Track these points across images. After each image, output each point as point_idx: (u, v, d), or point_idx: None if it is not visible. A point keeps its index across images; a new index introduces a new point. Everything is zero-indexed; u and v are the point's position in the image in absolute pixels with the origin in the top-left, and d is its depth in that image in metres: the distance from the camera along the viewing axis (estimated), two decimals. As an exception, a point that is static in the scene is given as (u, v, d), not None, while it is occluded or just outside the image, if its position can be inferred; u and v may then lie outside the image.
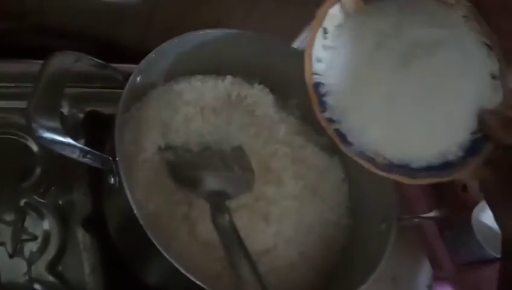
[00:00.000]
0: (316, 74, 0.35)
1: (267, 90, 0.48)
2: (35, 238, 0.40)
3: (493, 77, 0.33)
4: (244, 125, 0.43)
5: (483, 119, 0.33)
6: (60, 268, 0.40)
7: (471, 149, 0.33)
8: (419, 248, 0.62)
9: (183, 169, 0.38)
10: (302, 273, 0.41)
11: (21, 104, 0.44)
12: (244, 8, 0.56)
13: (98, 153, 0.33)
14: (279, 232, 0.41)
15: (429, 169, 0.34)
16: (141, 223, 0.32)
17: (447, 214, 0.44)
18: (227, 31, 0.44)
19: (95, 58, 0.36)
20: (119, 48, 0.54)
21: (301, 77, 0.46)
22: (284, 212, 0.41)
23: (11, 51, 0.47)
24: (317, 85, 0.35)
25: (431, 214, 0.44)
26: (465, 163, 0.33)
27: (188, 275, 0.31)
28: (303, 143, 0.46)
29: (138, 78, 0.37)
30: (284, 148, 0.43)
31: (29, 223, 0.40)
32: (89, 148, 0.32)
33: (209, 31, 0.43)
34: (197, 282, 0.31)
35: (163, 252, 0.31)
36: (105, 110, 0.47)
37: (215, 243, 0.36)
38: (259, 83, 0.47)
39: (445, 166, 0.34)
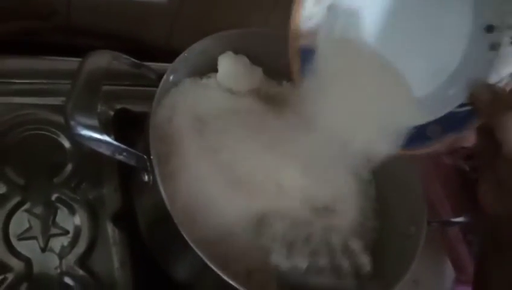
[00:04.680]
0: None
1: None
2: (66, 232, 0.41)
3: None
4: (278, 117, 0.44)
5: (474, 91, 0.31)
6: (90, 262, 0.40)
7: (454, 123, 0.32)
8: (441, 250, 0.62)
9: (290, 275, 0.34)
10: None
11: (52, 100, 0.46)
12: (267, 7, 0.56)
13: (133, 151, 0.33)
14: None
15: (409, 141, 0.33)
16: (175, 221, 0.32)
17: (474, 218, 0.43)
18: (255, 30, 0.44)
19: (130, 58, 0.37)
20: (145, 47, 0.55)
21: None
22: None
23: (41, 48, 0.48)
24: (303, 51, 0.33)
25: (459, 219, 0.44)
26: (445, 137, 0.32)
27: (219, 272, 0.32)
28: None
29: (171, 77, 0.38)
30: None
31: (60, 217, 0.41)
32: (125, 147, 0.32)
33: (238, 30, 0.43)
34: (228, 280, 0.32)
35: (196, 249, 0.32)
36: (135, 107, 0.47)
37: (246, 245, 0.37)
38: (288, 81, 0.47)
39: (423, 139, 0.33)
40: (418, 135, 0.34)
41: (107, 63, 0.34)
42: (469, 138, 0.34)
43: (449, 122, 0.33)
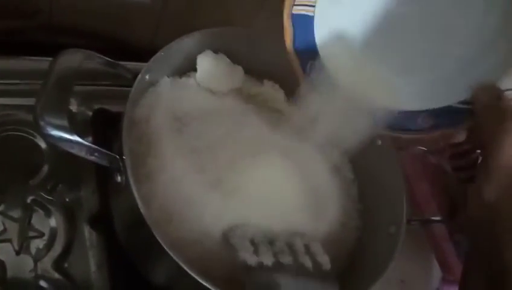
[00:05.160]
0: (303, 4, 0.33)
1: (277, 86, 0.47)
2: (41, 235, 0.40)
3: None
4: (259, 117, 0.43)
5: (476, 90, 0.30)
6: (66, 265, 0.40)
7: (448, 118, 0.32)
8: (429, 250, 0.62)
9: (257, 273, 0.34)
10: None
11: (30, 101, 0.44)
12: (252, 7, 0.55)
13: (105, 151, 0.32)
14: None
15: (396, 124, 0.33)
16: (147, 222, 0.31)
17: (458, 216, 0.43)
18: (235, 29, 0.44)
19: (104, 57, 0.36)
20: (130, 47, 0.55)
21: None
22: None
23: (22, 48, 0.47)
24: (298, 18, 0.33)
25: (438, 218, 0.43)
26: (433, 130, 0.32)
27: (194, 275, 0.31)
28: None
29: (147, 77, 0.37)
30: (296, 144, 0.43)
31: (36, 220, 0.40)
32: (96, 147, 0.32)
33: (217, 29, 0.43)
34: (204, 283, 0.31)
35: (169, 252, 0.31)
36: (114, 108, 0.47)
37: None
38: (269, 79, 0.47)
39: (413, 125, 0.33)
40: (408, 121, 0.33)
41: (79, 62, 0.33)
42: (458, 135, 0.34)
43: (443, 116, 0.32)
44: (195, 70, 0.44)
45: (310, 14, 0.34)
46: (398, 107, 0.34)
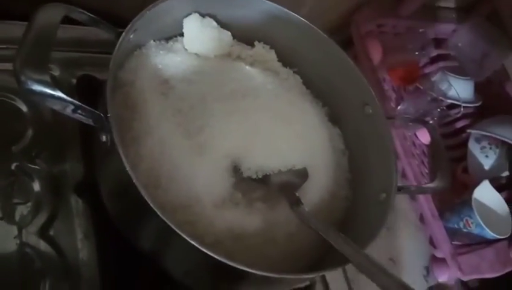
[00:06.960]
0: None
1: (267, 47, 0.46)
2: (26, 201, 0.39)
3: None
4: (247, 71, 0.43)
5: None
6: (51, 233, 0.39)
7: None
8: (418, 229, 0.62)
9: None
10: (300, 244, 0.40)
11: (10, 66, 0.43)
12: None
13: (89, 108, 0.31)
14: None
15: None
16: (134, 182, 0.30)
17: (445, 185, 0.43)
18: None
19: (86, 12, 0.35)
20: (120, 16, 0.53)
21: (301, 48, 0.46)
22: None
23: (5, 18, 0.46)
24: None
25: (431, 185, 0.43)
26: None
27: (184, 235, 0.30)
28: (307, 108, 0.45)
29: (131, 36, 0.36)
30: (288, 108, 0.42)
31: (20, 186, 0.39)
32: (79, 103, 0.31)
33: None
34: (195, 244, 0.30)
35: (157, 211, 0.30)
36: (100, 75, 0.45)
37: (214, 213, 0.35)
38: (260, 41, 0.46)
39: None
40: None
41: (60, 17, 0.32)
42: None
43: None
44: (183, 35, 0.43)
45: None
46: None
